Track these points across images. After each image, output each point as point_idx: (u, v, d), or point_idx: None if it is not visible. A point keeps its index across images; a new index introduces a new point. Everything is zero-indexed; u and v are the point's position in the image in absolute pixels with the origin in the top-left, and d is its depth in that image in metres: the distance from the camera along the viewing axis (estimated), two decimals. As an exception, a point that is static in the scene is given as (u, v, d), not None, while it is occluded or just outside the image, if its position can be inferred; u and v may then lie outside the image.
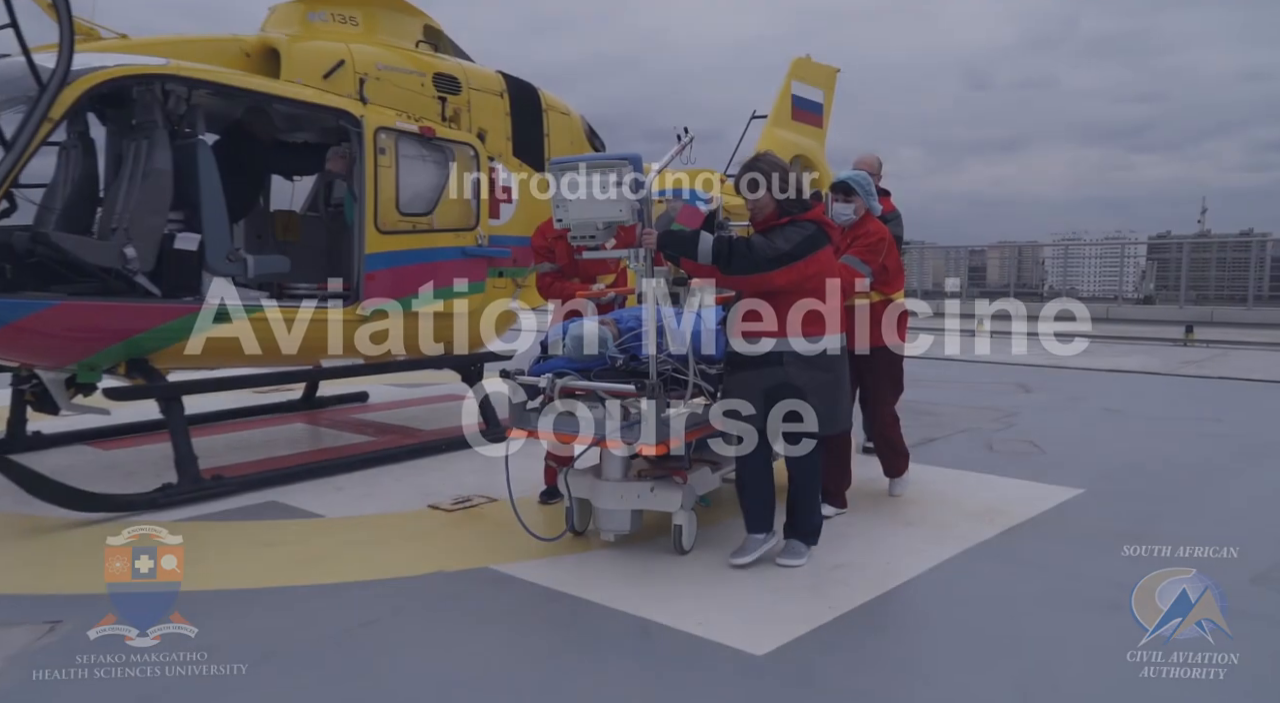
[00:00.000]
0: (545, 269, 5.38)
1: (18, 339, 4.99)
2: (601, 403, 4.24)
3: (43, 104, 4.74)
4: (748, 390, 4.06)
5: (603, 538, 4.41)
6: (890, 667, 3.30)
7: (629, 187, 4.07)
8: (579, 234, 4.31)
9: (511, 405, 4.43)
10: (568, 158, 4.43)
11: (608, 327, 4.45)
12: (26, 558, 4.43)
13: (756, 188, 4.06)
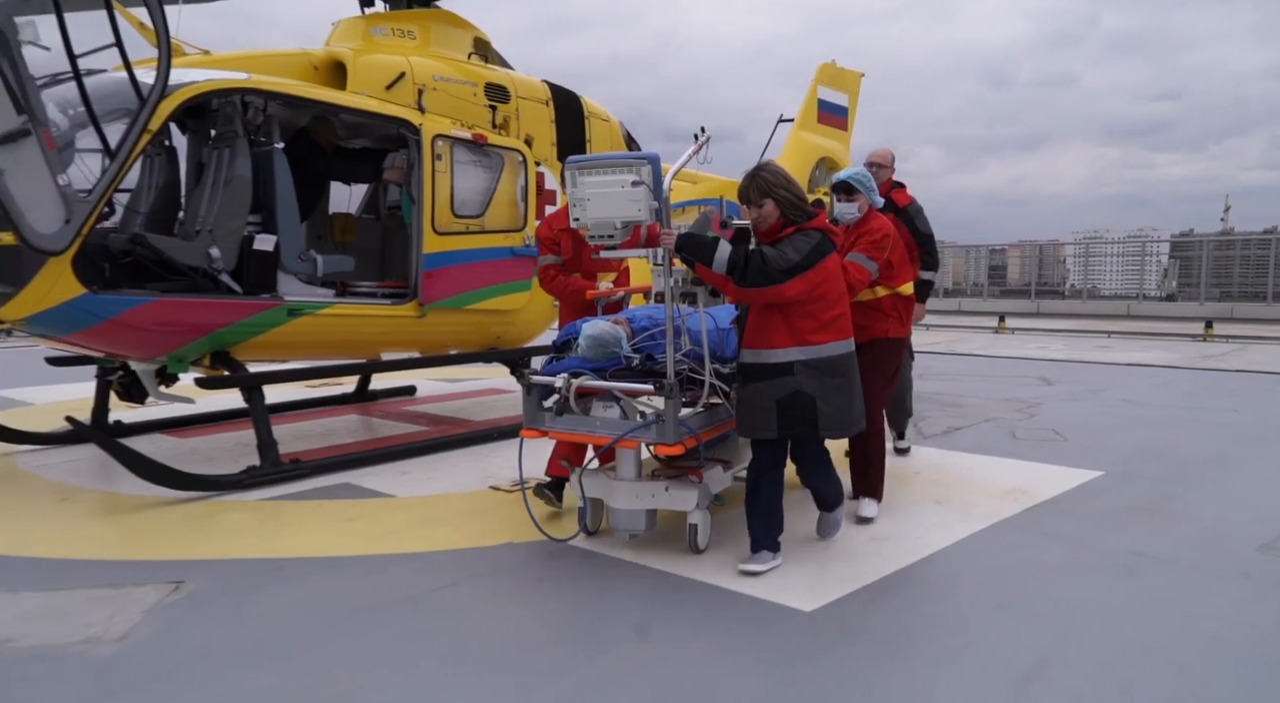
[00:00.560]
0: (549, 261, 5.36)
1: (118, 333, 5.44)
2: (617, 403, 4.25)
3: (143, 116, 5.20)
4: (761, 401, 3.99)
5: (616, 538, 4.44)
6: (925, 621, 3.67)
7: (647, 185, 4.02)
8: (597, 233, 4.27)
9: (525, 405, 4.42)
10: (585, 157, 4.43)
11: (621, 326, 4.42)
12: (138, 531, 4.87)
13: (761, 199, 4.01)
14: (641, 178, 4.05)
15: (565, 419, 4.33)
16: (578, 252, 5.29)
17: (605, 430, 4.21)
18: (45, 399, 9.17)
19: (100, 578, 4.07)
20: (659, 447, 4.01)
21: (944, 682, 3.13)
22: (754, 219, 4.11)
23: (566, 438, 4.45)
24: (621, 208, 4.11)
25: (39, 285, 5.00)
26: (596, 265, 5.37)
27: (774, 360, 3.98)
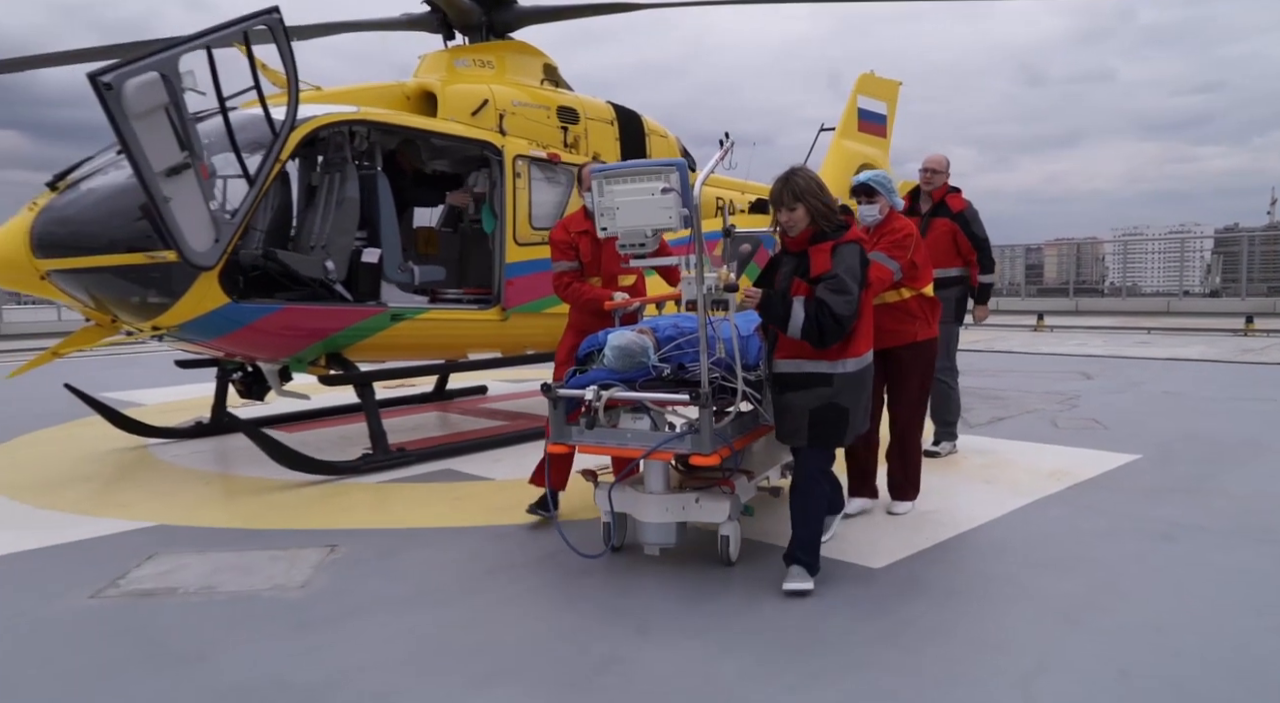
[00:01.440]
0: (565, 267, 5.20)
1: (252, 337, 6.17)
2: (647, 414, 4.21)
3: (276, 147, 5.93)
4: (797, 411, 3.95)
5: (646, 552, 4.32)
6: (980, 575, 4.22)
7: (677, 192, 3.99)
8: (627, 242, 4.25)
9: (551, 419, 4.30)
10: (611, 165, 4.45)
11: (646, 336, 4.30)
12: (283, 506, 5.57)
13: (794, 203, 3.92)
14: (671, 185, 4.04)
15: (595, 432, 4.16)
16: (596, 256, 5.19)
17: (637, 443, 4.09)
18: (153, 400, 9.99)
19: (266, 543, 4.77)
20: (695, 457, 3.93)
21: (1000, 623, 3.68)
22: (783, 223, 4.00)
23: (596, 451, 4.27)
24: (652, 216, 4.10)
25: (192, 296, 5.74)
26: (617, 270, 5.23)
27: (813, 370, 3.92)
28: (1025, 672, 3.18)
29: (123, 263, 5.63)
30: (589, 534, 4.61)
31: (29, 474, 6.44)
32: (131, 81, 5.08)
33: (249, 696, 3.11)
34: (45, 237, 5.65)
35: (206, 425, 7.75)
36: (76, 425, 8.34)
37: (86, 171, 6.01)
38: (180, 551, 4.65)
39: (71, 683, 3.24)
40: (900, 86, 13.70)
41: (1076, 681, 3.11)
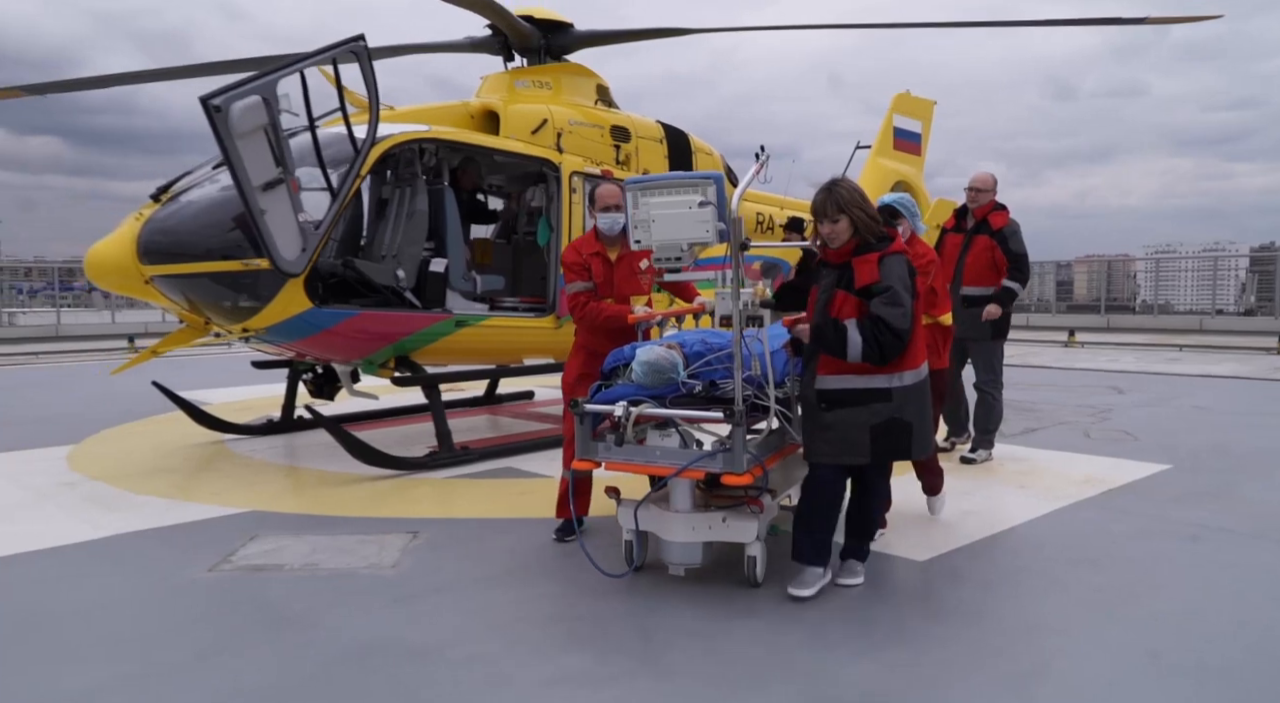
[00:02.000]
0: (580, 288, 5.03)
1: (330, 340, 6.62)
2: (676, 431, 4.15)
3: (358, 164, 6.39)
4: (853, 428, 3.88)
5: (671, 572, 4.23)
6: (1016, 569, 4.54)
7: (714, 206, 3.94)
8: (663, 256, 4.20)
9: (578, 436, 4.22)
10: (645, 177, 4.38)
11: (675, 351, 4.20)
12: (362, 497, 5.99)
13: (837, 214, 3.86)
14: (708, 198, 4.02)
15: (623, 450, 4.08)
16: (608, 276, 5.06)
17: (667, 460, 4.02)
18: (216, 400, 10.50)
19: (352, 529, 5.19)
20: (728, 476, 3.86)
21: (1034, 609, 4.00)
22: (826, 234, 3.92)
23: (624, 469, 4.19)
24: (688, 229, 4.06)
25: (280, 301, 6.19)
26: (630, 289, 5.10)
27: (867, 386, 3.86)
28: (1058, 652, 3.51)
29: (219, 269, 6.10)
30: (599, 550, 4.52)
31: (123, 464, 6.92)
32: (237, 104, 5.56)
33: (366, 654, 3.51)
34: (150, 245, 6.14)
35: (277, 423, 8.21)
36: (154, 421, 8.85)
37: (185, 185, 6.51)
38: (278, 533, 5.08)
39: (207, 642, 3.66)
40: (935, 105, 14.03)
41: (1108, 660, 3.44)
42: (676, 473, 3.95)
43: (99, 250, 6.24)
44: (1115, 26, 7.98)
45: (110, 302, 22.52)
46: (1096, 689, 3.20)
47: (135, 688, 3.25)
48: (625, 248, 4.93)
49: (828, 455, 3.97)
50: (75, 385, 12.13)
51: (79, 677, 3.34)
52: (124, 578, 4.41)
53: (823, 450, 3.97)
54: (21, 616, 3.92)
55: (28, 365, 15.12)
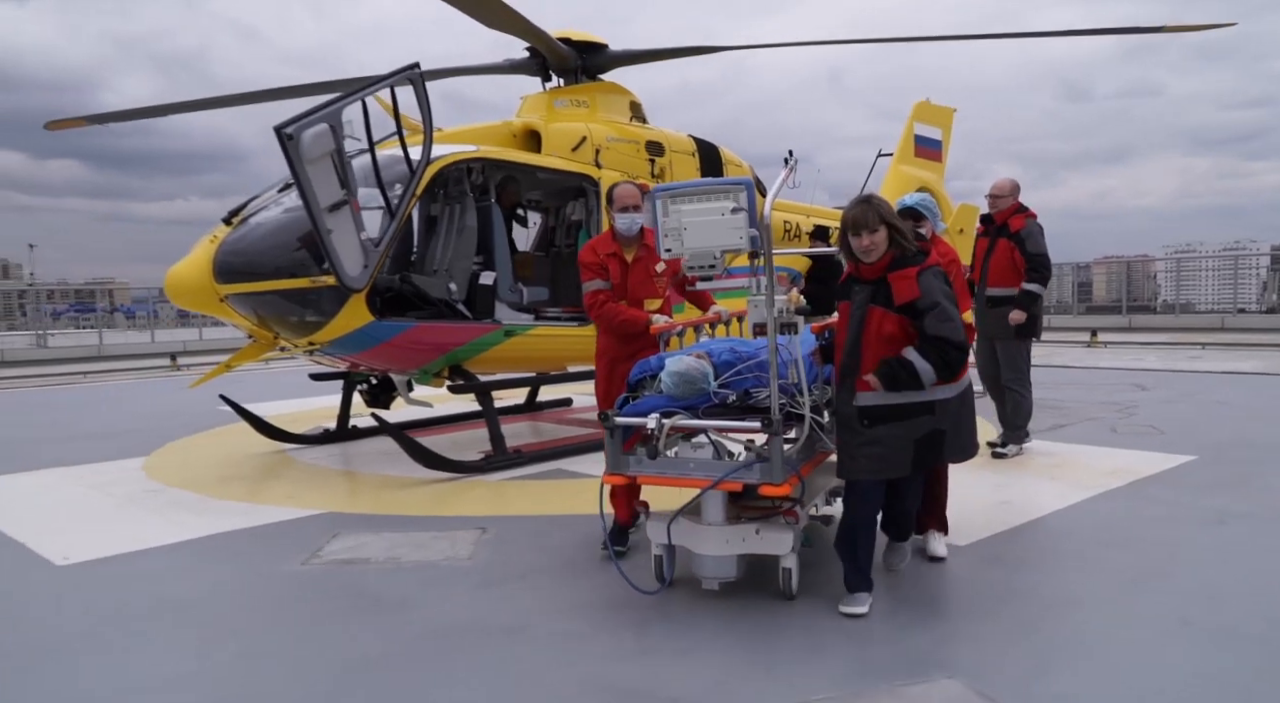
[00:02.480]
0: (598, 287, 4.99)
1: (389, 351, 7.00)
2: (709, 442, 4.13)
3: (414, 184, 6.78)
4: (898, 443, 3.86)
5: (705, 587, 4.15)
6: (1049, 551, 4.83)
7: (745, 211, 3.93)
8: (695, 264, 4.15)
9: (608, 449, 4.14)
10: (675, 184, 4.36)
11: (704, 360, 4.14)
12: (428, 498, 6.36)
13: (878, 225, 3.83)
14: (740, 204, 3.97)
15: (656, 463, 3.99)
16: (624, 280, 5.03)
17: (702, 473, 3.98)
18: (270, 412, 10.91)
19: (424, 527, 5.55)
20: (766, 487, 3.82)
21: (1069, 586, 4.29)
22: (864, 247, 3.85)
23: (656, 482, 4.13)
24: (722, 236, 4.00)
25: (344, 316, 6.58)
26: (644, 293, 5.08)
27: (910, 401, 3.83)
28: (1093, 622, 3.81)
29: (288, 287, 6.50)
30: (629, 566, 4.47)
31: (197, 473, 7.33)
32: (306, 132, 5.96)
33: (461, 631, 3.86)
34: (224, 265, 6.55)
35: (333, 432, 8.61)
36: (215, 434, 9.28)
37: (254, 208, 6.92)
38: (356, 531, 5.45)
39: (313, 623, 4.02)
40: (955, 113, 14.33)
41: (1142, 627, 3.74)
42: (713, 485, 3.90)
43: (178, 272, 6.66)
44: (1128, 32, 8.27)
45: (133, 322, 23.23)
46: (1132, 652, 3.50)
47: (257, 662, 3.62)
48: (642, 250, 4.98)
49: (869, 472, 3.91)
50: (130, 402, 12.60)
51: (209, 654, 3.72)
52: (228, 572, 4.79)
53: (864, 467, 3.91)
54: (148, 604, 4.31)
55: (77, 384, 15.65)
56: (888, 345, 3.82)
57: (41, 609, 4.29)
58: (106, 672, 3.56)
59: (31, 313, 28.51)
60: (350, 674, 3.47)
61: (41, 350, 19.45)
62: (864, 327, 3.87)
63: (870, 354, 3.84)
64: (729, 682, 3.33)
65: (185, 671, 3.57)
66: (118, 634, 3.95)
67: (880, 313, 3.84)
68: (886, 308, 3.84)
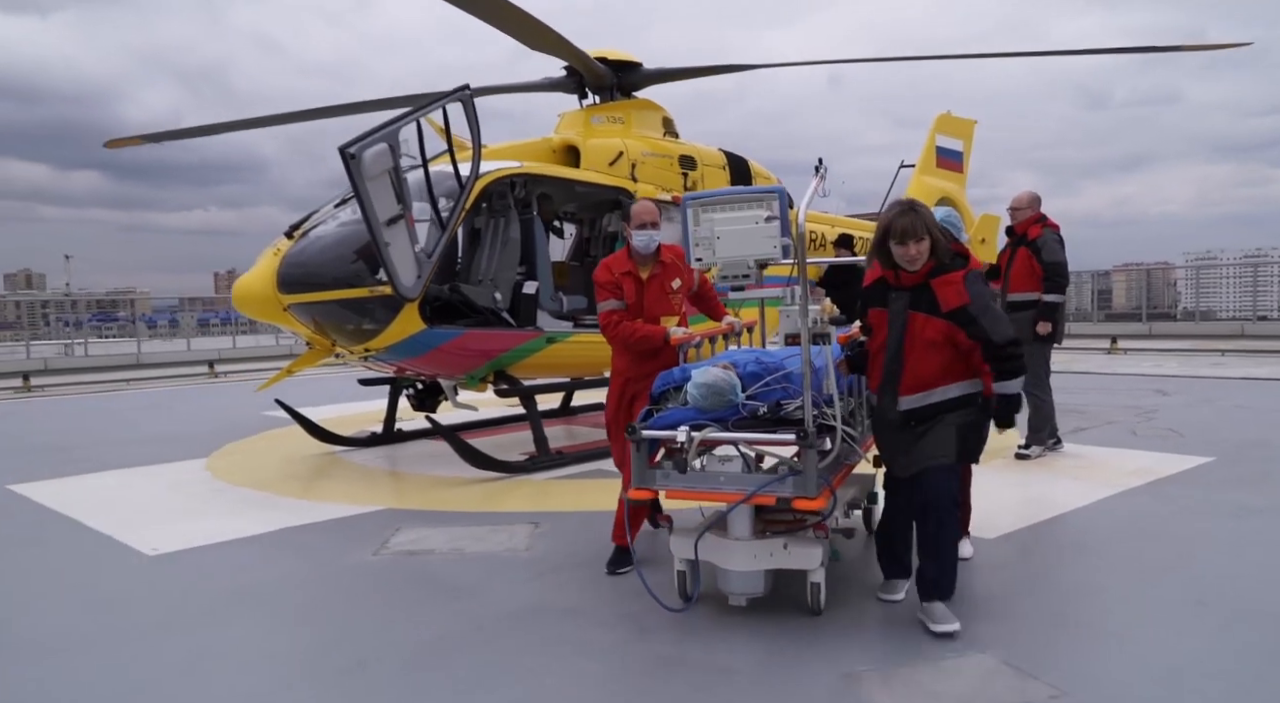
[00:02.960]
0: (613, 307, 4.84)
1: (439, 357, 7.37)
2: (739, 455, 4.04)
3: (463, 198, 7.16)
4: (944, 428, 3.86)
5: (732, 603, 4.07)
6: (1075, 543, 5.11)
7: (779, 220, 3.83)
8: (730, 273, 4.06)
9: (635, 463, 4.03)
10: (705, 193, 4.25)
11: (731, 371, 4.03)
12: (479, 495, 6.72)
13: (923, 234, 3.77)
14: (773, 212, 3.92)
15: (685, 477, 3.92)
16: (640, 297, 4.89)
17: (732, 486, 3.90)
18: (315, 416, 11.32)
19: (479, 521, 5.90)
20: (800, 501, 3.76)
21: (1091, 573, 4.58)
22: (910, 255, 3.78)
23: (685, 496, 4.06)
24: (756, 245, 3.93)
25: (399, 323, 6.96)
26: (661, 310, 4.94)
27: (954, 395, 3.85)
28: (1115, 605, 4.11)
29: (347, 297, 6.89)
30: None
31: (257, 472, 7.72)
32: (368, 151, 6.35)
33: (528, 613, 4.19)
34: (287, 277, 6.94)
35: (379, 435, 8.98)
36: (267, 437, 9.69)
37: (313, 222, 7.32)
38: (417, 526, 5.81)
39: (389, 606, 4.37)
40: (976, 125, 14.62)
41: (1160, 609, 4.03)
42: (746, 498, 3.82)
43: (245, 283, 7.07)
44: (1147, 50, 8.54)
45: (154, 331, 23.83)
46: (1150, 632, 3.80)
47: (345, 639, 3.97)
48: (658, 267, 4.88)
49: (915, 464, 3.90)
50: (177, 408, 13.04)
51: (301, 632, 4.08)
52: (303, 562, 5.15)
53: (914, 461, 3.90)
54: (236, 590, 4.68)
55: (120, 391, 16.14)
56: (930, 350, 3.81)
57: (142, 595, 4.65)
58: (209, 647, 3.92)
59: (72, 322, 29.27)
60: (435, 649, 3.82)
61: (84, 359, 19.99)
62: (905, 333, 3.85)
63: (914, 359, 3.83)
64: (775, 656, 3.64)
65: (279, 648, 3.93)
66: (214, 616, 4.32)
67: (923, 319, 3.81)
68: (930, 314, 3.80)
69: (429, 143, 7.08)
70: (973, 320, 3.76)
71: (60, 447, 9.33)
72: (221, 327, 31.72)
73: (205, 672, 3.66)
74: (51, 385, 16.98)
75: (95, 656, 3.84)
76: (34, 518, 6.30)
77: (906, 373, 3.86)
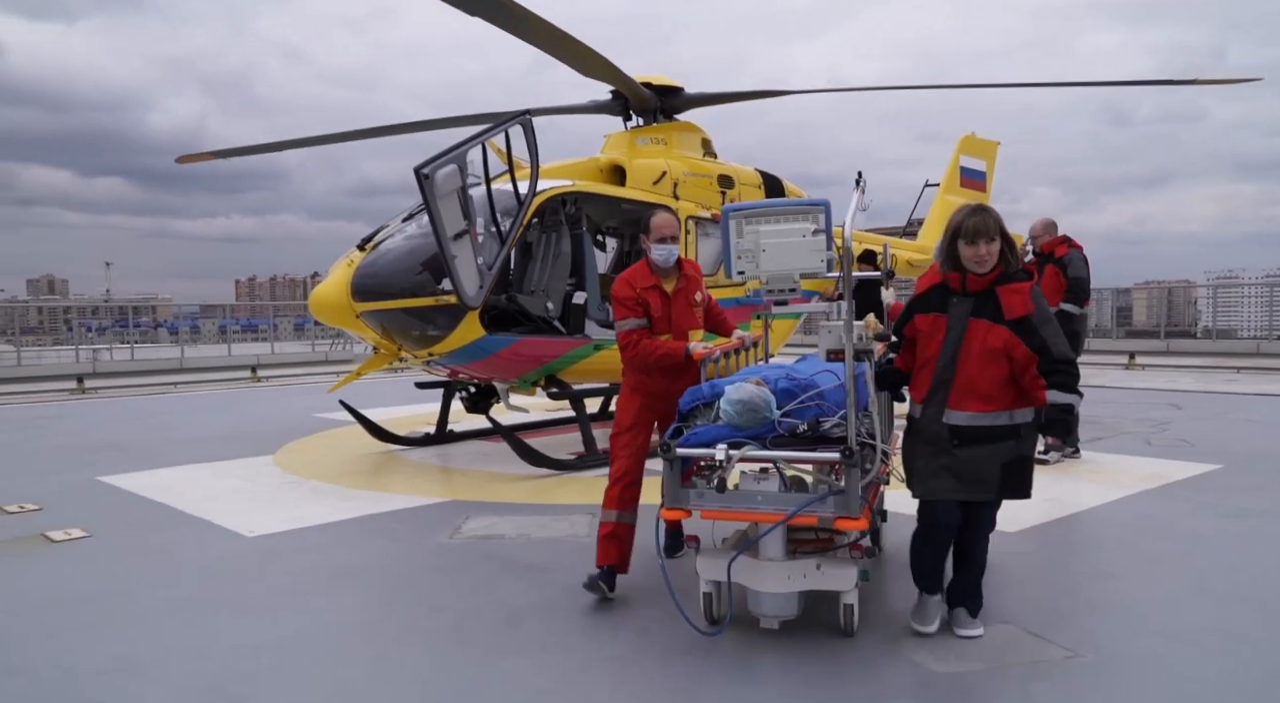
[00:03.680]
0: (633, 325, 4.68)
1: (497, 362, 7.93)
2: (778, 474, 3.95)
3: (521, 214, 7.73)
4: (988, 466, 3.78)
5: (764, 626, 3.99)
6: (1090, 537, 5.61)
7: (825, 233, 3.84)
8: (775, 287, 4.02)
9: (667, 483, 3.93)
10: (748, 204, 4.24)
11: (764, 388, 3.94)
12: (535, 490, 7.26)
13: (995, 236, 3.70)
14: (820, 225, 3.90)
15: (723, 496, 3.82)
16: (667, 311, 4.76)
17: (771, 506, 3.79)
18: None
19: (539, 512, 6.43)
20: (841, 521, 3.71)
21: (1104, 561, 5.08)
22: (979, 256, 3.71)
23: (723, 517, 4.02)
24: (802, 258, 3.89)
25: (461, 330, 7.53)
26: (687, 324, 4.85)
27: (998, 423, 3.77)
28: (1125, 588, 4.60)
29: (415, 305, 7.47)
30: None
31: (323, 467, 8.30)
32: (440, 172, 6.93)
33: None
34: (360, 286, 7.53)
35: (433, 436, 9.55)
36: (325, 436, 10.28)
37: (383, 236, 7.92)
38: (484, 515, 6.35)
39: (472, 581, 4.91)
40: (999, 146, 15.12)
41: (1165, 591, 4.53)
42: (787, 518, 3.72)
43: (322, 292, 7.67)
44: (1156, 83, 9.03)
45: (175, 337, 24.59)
46: (1155, 609, 4.29)
47: (436, 611, 4.50)
48: (681, 280, 4.82)
49: (953, 491, 3.82)
50: (229, 409, 13.66)
51: (394, 604, 4.63)
52: (387, 544, 5.71)
53: (948, 487, 3.82)
54: (331, 567, 5.24)
55: (169, 394, 16.82)
56: (987, 361, 3.72)
57: (251, 570, 5.22)
58: (320, 613, 4.48)
59: (108, 327, 30.11)
60: (519, 615, 4.35)
61: (128, 362, 20.74)
62: (963, 340, 3.77)
63: (971, 368, 3.75)
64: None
65: (382, 615, 4.47)
66: (320, 587, 4.88)
67: (985, 326, 3.73)
68: (992, 321, 3.73)
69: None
70: (1034, 330, 3.69)
71: (127, 444, 9.92)
72: (242, 333, 31.81)
73: (320, 633, 4.22)
74: (107, 388, 17.68)
75: (219, 619, 4.40)
76: (134, 505, 6.87)
77: (958, 383, 3.77)
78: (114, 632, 4.23)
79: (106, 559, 5.43)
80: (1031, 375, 3.72)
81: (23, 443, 10.21)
